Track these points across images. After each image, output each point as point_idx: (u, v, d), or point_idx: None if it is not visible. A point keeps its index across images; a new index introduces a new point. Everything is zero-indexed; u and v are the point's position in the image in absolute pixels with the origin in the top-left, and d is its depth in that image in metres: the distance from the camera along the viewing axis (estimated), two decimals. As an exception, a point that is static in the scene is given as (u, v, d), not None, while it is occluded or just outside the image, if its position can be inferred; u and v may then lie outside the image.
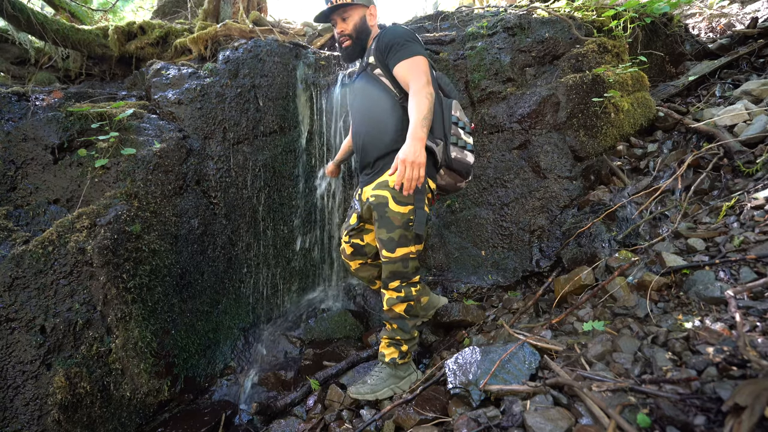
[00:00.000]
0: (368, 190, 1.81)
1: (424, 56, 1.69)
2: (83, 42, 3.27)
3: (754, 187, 1.84)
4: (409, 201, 1.69)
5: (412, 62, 1.67)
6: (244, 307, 2.64)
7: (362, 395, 1.79)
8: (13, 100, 2.35)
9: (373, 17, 1.88)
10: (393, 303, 1.76)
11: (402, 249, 1.70)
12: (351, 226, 1.98)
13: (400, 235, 1.68)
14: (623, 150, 2.58)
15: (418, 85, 1.62)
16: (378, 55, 1.77)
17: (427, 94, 1.59)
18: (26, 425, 1.72)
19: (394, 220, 1.68)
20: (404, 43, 1.70)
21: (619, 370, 1.25)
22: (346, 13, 1.83)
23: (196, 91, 2.66)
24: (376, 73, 1.79)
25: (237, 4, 3.81)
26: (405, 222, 1.68)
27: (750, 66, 3.02)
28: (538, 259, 2.41)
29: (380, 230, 1.71)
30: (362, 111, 1.85)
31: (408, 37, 1.73)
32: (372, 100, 1.80)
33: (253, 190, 2.72)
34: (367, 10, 1.86)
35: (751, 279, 1.42)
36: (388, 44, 1.72)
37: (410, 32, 1.76)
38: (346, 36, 1.85)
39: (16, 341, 1.77)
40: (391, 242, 1.69)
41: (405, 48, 1.69)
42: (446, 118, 1.78)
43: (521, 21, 2.99)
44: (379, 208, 1.71)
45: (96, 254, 1.91)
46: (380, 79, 1.78)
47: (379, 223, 1.71)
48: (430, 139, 1.69)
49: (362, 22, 1.84)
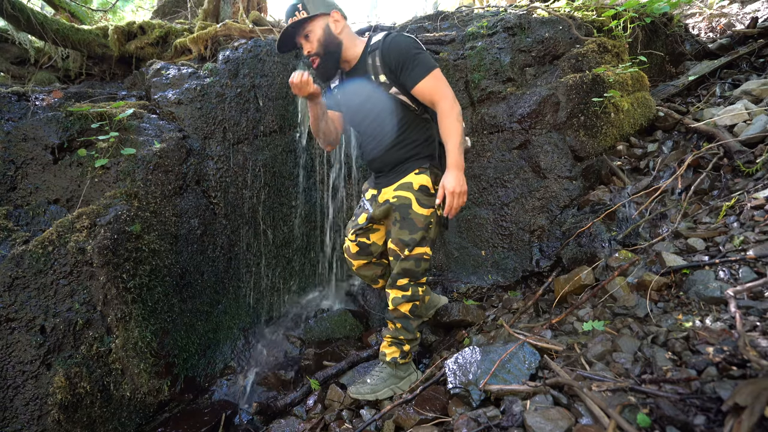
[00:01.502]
0: (388, 191, 1.79)
1: (437, 67, 1.65)
2: (83, 42, 3.27)
3: (754, 187, 1.84)
4: (431, 204, 1.72)
5: (431, 79, 1.61)
6: (244, 307, 2.64)
7: (362, 395, 1.79)
8: (13, 99, 2.35)
9: (339, 23, 1.70)
10: (399, 302, 1.76)
11: (419, 248, 1.73)
12: (359, 225, 1.96)
13: (421, 236, 1.71)
14: (623, 150, 2.58)
15: (445, 105, 1.60)
16: (389, 74, 1.67)
17: (458, 115, 1.61)
18: (26, 425, 1.72)
19: (417, 221, 1.70)
20: (415, 58, 1.62)
21: (619, 370, 1.25)
22: (306, 29, 1.67)
23: (196, 91, 2.66)
24: (392, 92, 1.70)
25: (237, 4, 3.80)
26: (426, 224, 1.71)
27: (750, 66, 3.02)
28: (538, 259, 2.41)
29: (402, 231, 1.72)
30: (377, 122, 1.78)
31: (415, 48, 1.65)
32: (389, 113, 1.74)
33: (253, 190, 2.72)
34: (328, 18, 1.69)
35: (751, 279, 1.42)
36: (398, 61, 1.63)
37: (414, 41, 1.68)
38: (314, 55, 1.69)
39: (16, 341, 1.77)
40: (412, 242, 1.71)
41: (419, 63, 1.61)
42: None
43: (521, 21, 2.99)
44: (402, 210, 1.71)
45: (96, 254, 1.91)
46: (398, 97, 1.71)
47: (401, 224, 1.72)
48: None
49: (326, 33, 1.67)
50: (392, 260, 1.80)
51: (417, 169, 1.74)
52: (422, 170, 1.74)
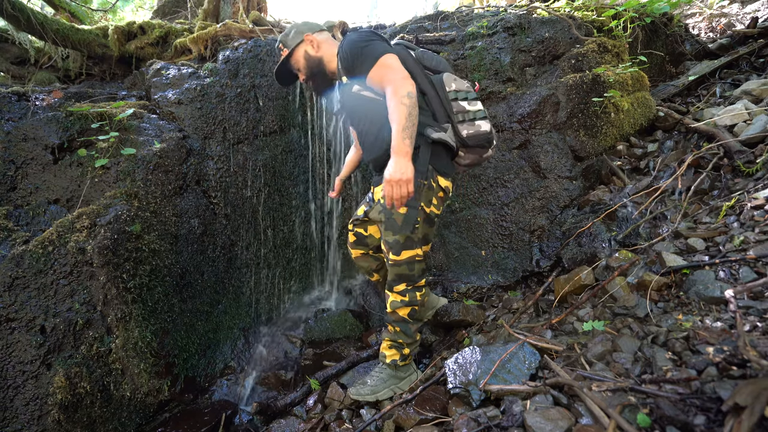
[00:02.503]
0: (378, 190, 1.82)
1: (387, 53, 1.59)
2: (83, 42, 3.27)
3: (754, 187, 1.84)
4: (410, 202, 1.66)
5: (377, 68, 1.58)
6: (244, 307, 2.64)
7: (363, 396, 1.78)
8: (13, 100, 2.35)
9: (314, 43, 1.80)
10: (397, 306, 1.74)
11: (407, 252, 1.68)
12: (357, 216, 2.03)
13: (405, 237, 1.66)
14: (623, 150, 2.58)
15: (389, 90, 1.54)
16: (348, 74, 1.70)
17: (401, 98, 1.49)
18: (26, 425, 1.72)
19: (398, 221, 1.67)
20: (362, 52, 1.61)
21: (619, 370, 1.25)
22: (293, 63, 1.83)
23: (196, 91, 2.66)
24: (354, 90, 1.71)
25: (237, 4, 3.80)
26: (408, 224, 1.66)
27: (750, 66, 3.02)
28: (538, 259, 2.41)
29: (387, 233, 1.70)
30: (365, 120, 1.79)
31: (363, 41, 1.63)
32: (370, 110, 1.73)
33: (253, 190, 2.72)
34: (303, 45, 1.80)
35: (751, 279, 1.42)
36: (351, 60, 1.64)
37: (365, 34, 1.67)
38: (306, 80, 1.86)
39: (16, 341, 1.77)
40: (396, 245, 1.67)
41: (365, 56, 1.60)
42: (443, 97, 1.69)
43: (521, 21, 2.99)
44: (386, 210, 1.70)
45: (96, 254, 1.91)
46: (362, 94, 1.70)
47: (386, 224, 1.70)
48: (437, 128, 1.64)
49: (306, 58, 1.80)
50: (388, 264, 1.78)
51: None
52: None
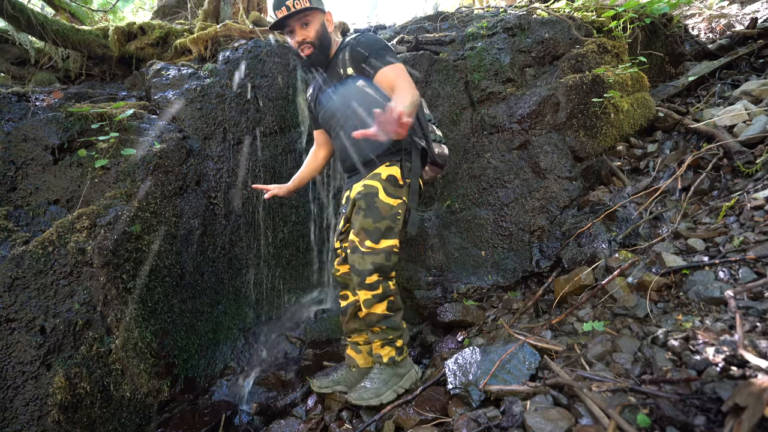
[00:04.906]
0: (357, 186, 1.79)
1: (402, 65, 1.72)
2: (83, 42, 3.27)
3: (753, 188, 1.84)
4: (399, 195, 1.72)
5: (396, 68, 1.69)
6: (244, 307, 2.64)
7: (366, 401, 1.69)
8: (13, 100, 2.35)
9: (331, 24, 1.85)
10: (372, 303, 1.68)
11: (387, 241, 1.69)
12: (339, 231, 1.95)
13: (386, 226, 1.67)
14: (623, 150, 2.58)
15: (404, 85, 1.63)
16: (356, 66, 1.76)
17: (415, 93, 1.61)
18: (26, 425, 1.72)
19: (382, 210, 1.67)
20: (382, 49, 1.72)
21: (619, 371, 1.25)
22: (307, 18, 1.75)
23: (196, 91, 2.66)
24: (359, 85, 1.76)
25: (237, 4, 3.81)
26: (393, 215, 1.69)
27: (749, 66, 3.03)
28: (538, 259, 2.41)
29: (365, 220, 1.68)
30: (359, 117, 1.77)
31: (385, 45, 1.75)
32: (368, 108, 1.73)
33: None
34: (324, 16, 1.82)
35: (751, 279, 1.42)
36: (366, 51, 1.73)
37: (386, 42, 1.78)
38: (308, 44, 1.77)
39: (16, 341, 1.77)
40: (376, 232, 1.67)
41: (385, 54, 1.71)
42: (421, 117, 1.83)
43: (521, 21, 2.99)
44: (368, 198, 1.70)
45: (96, 254, 1.91)
46: (365, 90, 1.75)
47: (366, 212, 1.68)
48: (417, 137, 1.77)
49: (323, 29, 1.80)
50: (349, 255, 1.72)
51: (387, 162, 1.76)
52: (393, 163, 1.76)
